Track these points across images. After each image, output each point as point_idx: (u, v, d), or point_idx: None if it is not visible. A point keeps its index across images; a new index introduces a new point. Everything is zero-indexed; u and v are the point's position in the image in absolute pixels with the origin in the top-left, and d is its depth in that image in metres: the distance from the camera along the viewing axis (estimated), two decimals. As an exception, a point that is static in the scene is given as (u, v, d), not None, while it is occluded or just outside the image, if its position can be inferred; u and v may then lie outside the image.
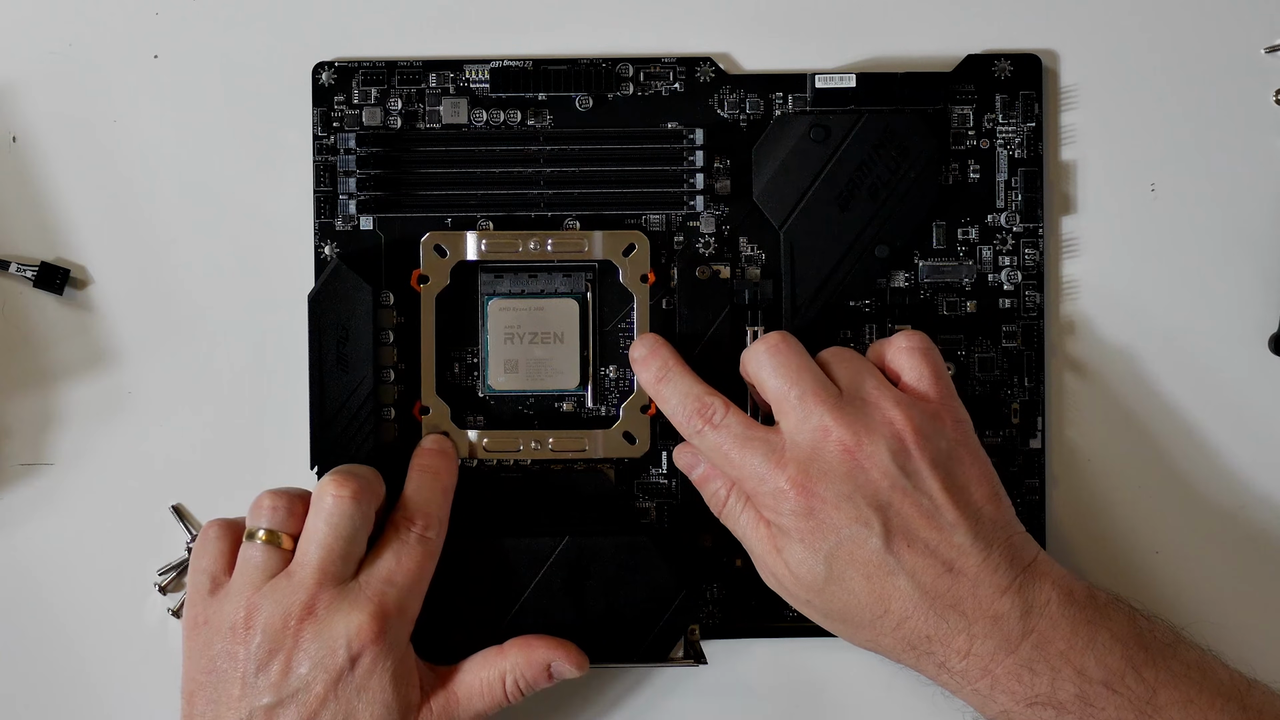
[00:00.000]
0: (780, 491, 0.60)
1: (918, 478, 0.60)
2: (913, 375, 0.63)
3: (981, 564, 0.60)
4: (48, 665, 0.68)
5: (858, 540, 0.60)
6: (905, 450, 0.60)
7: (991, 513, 0.61)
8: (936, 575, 0.60)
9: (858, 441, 0.60)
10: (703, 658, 0.66)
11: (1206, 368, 0.68)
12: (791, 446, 0.61)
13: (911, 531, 0.60)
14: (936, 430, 0.61)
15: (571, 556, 0.65)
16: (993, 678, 0.59)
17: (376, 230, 0.68)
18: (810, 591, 0.61)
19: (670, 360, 0.65)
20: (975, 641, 0.59)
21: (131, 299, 0.68)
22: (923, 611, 0.60)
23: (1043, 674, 0.59)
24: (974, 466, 0.61)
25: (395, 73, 0.68)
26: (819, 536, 0.60)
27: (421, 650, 0.64)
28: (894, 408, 0.61)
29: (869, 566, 0.60)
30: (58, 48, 0.68)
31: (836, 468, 0.60)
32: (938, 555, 0.60)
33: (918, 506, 0.60)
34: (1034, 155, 0.68)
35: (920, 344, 0.63)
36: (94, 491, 0.68)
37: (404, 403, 0.68)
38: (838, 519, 0.60)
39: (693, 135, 0.68)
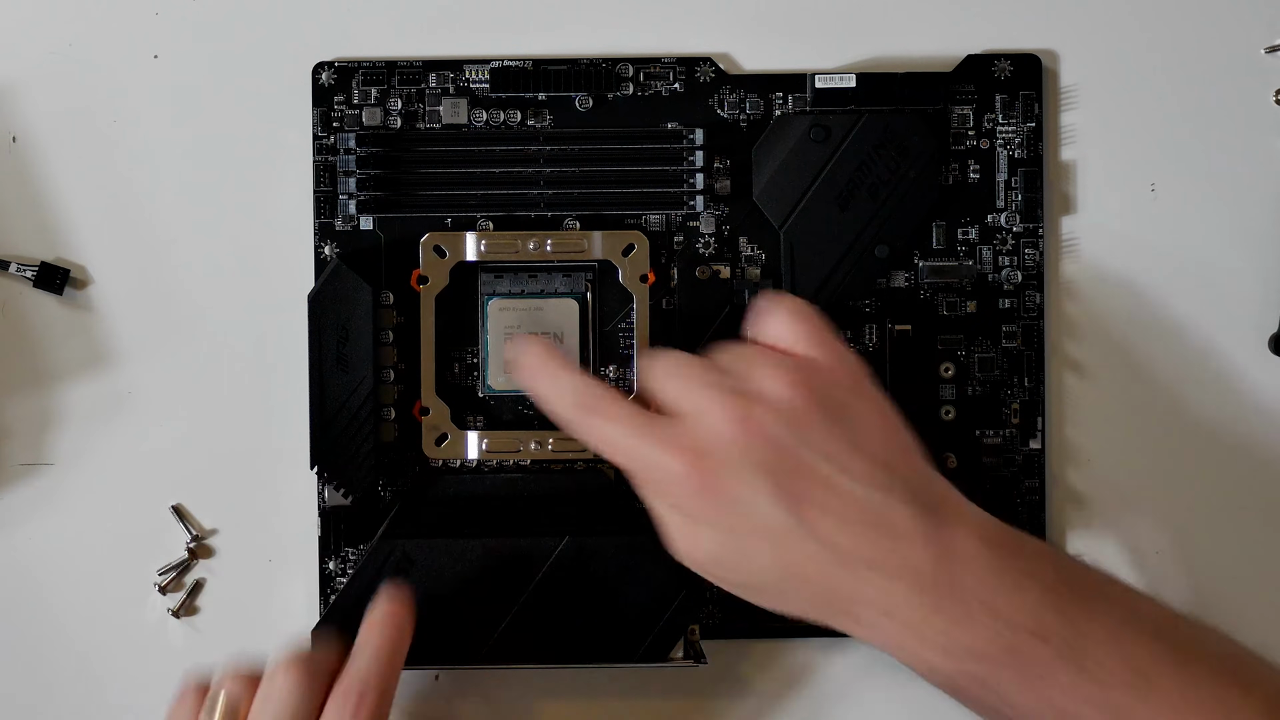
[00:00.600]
0: (670, 472, 0.59)
1: (811, 437, 0.58)
2: (788, 336, 0.61)
3: (889, 515, 0.58)
4: (48, 665, 0.68)
5: (755, 508, 0.58)
6: (795, 412, 0.58)
7: (896, 460, 0.59)
8: (842, 532, 0.57)
9: (745, 412, 0.58)
10: (703, 658, 0.66)
11: (1206, 368, 0.68)
12: (677, 426, 0.59)
13: (812, 493, 0.58)
14: (825, 385, 0.59)
15: (571, 556, 0.65)
16: (915, 632, 0.57)
17: (376, 230, 0.68)
18: (722, 568, 0.60)
19: (547, 355, 0.63)
20: (891, 596, 0.57)
21: (131, 299, 0.68)
22: (836, 572, 0.58)
23: (965, 624, 0.57)
24: (870, 414, 0.59)
25: (395, 73, 0.68)
26: (720, 513, 0.58)
27: (422, 651, 0.64)
28: (773, 369, 0.59)
29: (774, 535, 0.58)
30: (58, 48, 0.68)
31: (724, 439, 0.58)
32: (843, 513, 0.58)
33: (815, 467, 0.58)
34: (1034, 155, 0.68)
35: (785, 305, 0.61)
36: (94, 491, 0.68)
37: (404, 403, 0.68)
38: (732, 489, 0.58)
39: (693, 135, 0.68)
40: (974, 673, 0.57)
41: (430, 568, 0.65)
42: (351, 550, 0.68)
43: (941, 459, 0.68)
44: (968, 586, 0.57)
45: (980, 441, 0.68)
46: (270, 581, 0.68)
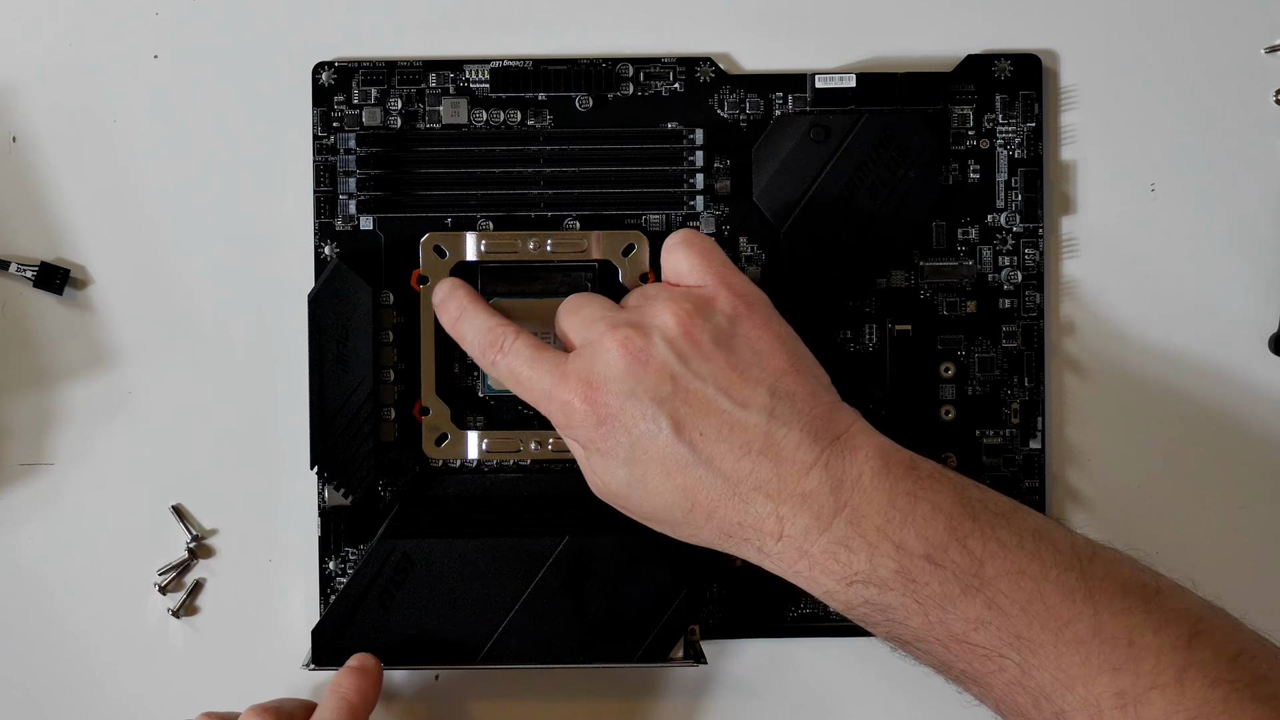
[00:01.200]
0: (568, 405, 0.60)
1: (698, 362, 0.59)
2: (684, 268, 0.62)
3: (781, 441, 0.58)
4: (48, 665, 0.68)
5: (649, 438, 0.59)
6: (679, 338, 0.59)
7: (789, 386, 0.59)
8: (735, 459, 0.58)
9: (630, 340, 0.59)
10: (703, 658, 0.66)
11: (1206, 368, 0.68)
12: (574, 360, 0.60)
13: (702, 418, 0.58)
14: (711, 311, 0.60)
15: (571, 556, 0.65)
16: (809, 558, 0.58)
17: (376, 230, 0.68)
18: (621, 498, 0.61)
19: (466, 299, 0.64)
20: (786, 523, 0.58)
21: (131, 299, 0.68)
22: (728, 499, 0.58)
23: (859, 551, 0.57)
24: (763, 339, 0.60)
25: (395, 73, 0.68)
26: (613, 442, 0.59)
27: (422, 651, 0.64)
28: (665, 301, 0.60)
29: (666, 463, 0.59)
30: (58, 48, 0.68)
31: (616, 370, 0.59)
32: (732, 439, 0.58)
33: (703, 392, 0.58)
34: (1034, 155, 0.68)
35: (681, 238, 0.62)
36: (94, 491, 0.68)
37: (404, 403, 0.68)
38: (626, 420, 0.59)
39: (693, 135, 0.68)
40: (870, 598, 0.57)
41: (430, 568, 0.65)
42: (351, 550, 0.68)
43: (942, 459, 0.68)
44: (862, 513, 0.57)
45: (980, 441, 0.68)
46: (270, 581, 0.68)
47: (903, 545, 0.57)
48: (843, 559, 0.57)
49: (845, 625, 0.68)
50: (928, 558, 0.56)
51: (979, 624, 0.56)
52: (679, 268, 0.62)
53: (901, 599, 0.57)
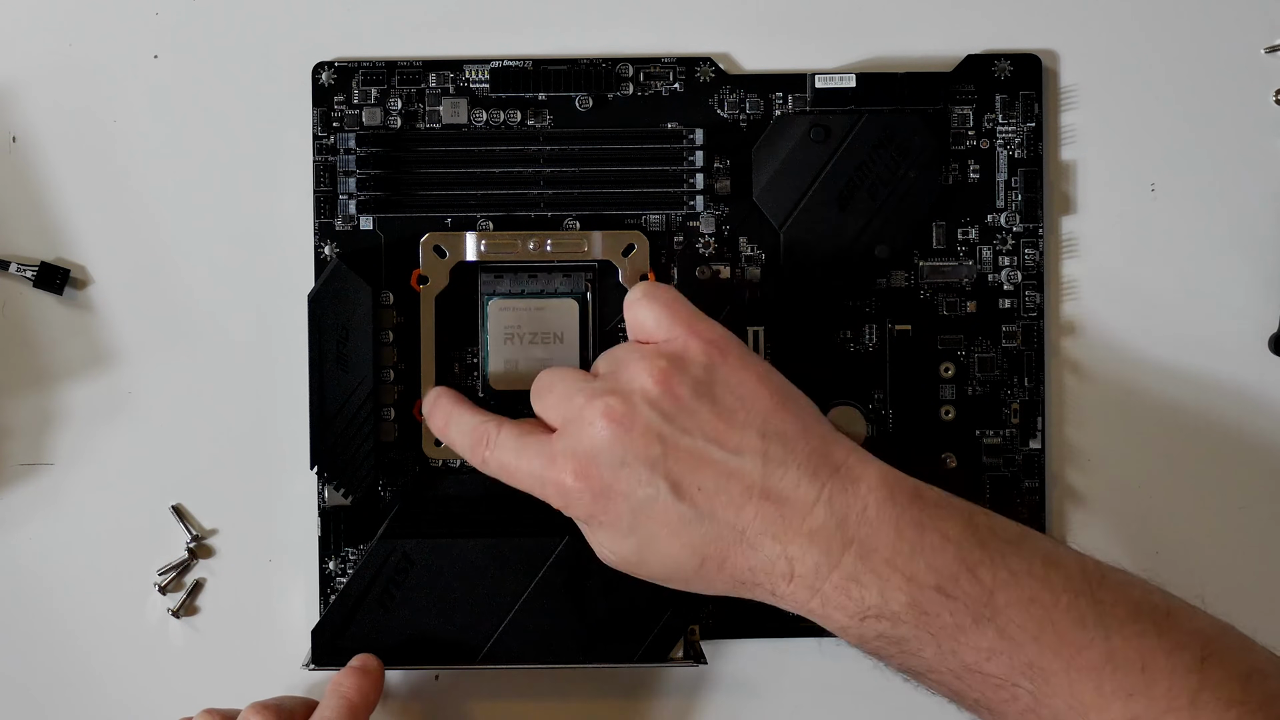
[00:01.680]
0: (563, 486, 0.59)
1: (683, 419, 0.58)
2: (650, 323, 0.61)
3: (780, 481, 0.57)
4: (48, 665, 0.68)
5: (649, 503, 0.58)
6: (660, 397, 0.58)
7: (778, 424, 0.58)
8: (738, 508, 0.57)
9: (612, 409, 0.58)
10: (703, 658, 0.66)
11: (1206, 368, 0.68)
12: (559, 440, 0.60)
13: (697, 474, 0.58)
14: (686, 364, 0.59)
15: (571, 556, 0.65)
16: (821, 596, 0.57)
17: (376, 230, 0.68)
18: (633, 565, 0.60)
19: (450, 404, 0.64)
20: (795, 563, 0.57)
21: (131, 299, 0.68)
22: (737, 547, 0.58)
23: (870, 585, 0.56)
24: (744, 384, 0.59)
25: (395, 73, 0.68)
26: (614, 514, 0.59)
27: (422, 651, 0.64)
28: (638, 361, 0.59)
29: (671, 524, 0.58)
30: (58, 48, 0.68)
31: (603, 442, 0.58)
32: (730, 488, 0.57)
33: (693, 447, 0.58)
34: (1034, 155, 0.68)
35: (641, 292, 0.61)
36: (94, 491, 0.68)
37: (404, 403, 0.68)
38: (623, 489, 0.58)
39: (693, 135, 0.68)
40: (883, 632, 0.57)
41: (430, 568, 0.65)
42: (351, 550, 0.68)
43: (942, 459, 0.68)
44: (871, 547, 0.57)
45: (980, 441, 0.68)
46: (270, 581, 0.68)
47: (913, 577, 0.56)
48: (854, 594, 0.57)
49: (845, 625, 0.68)
50: (938, 589, 0.56)
51: (991, 653, 0.56)
52: (644, 323, 0.61)
53: (914, 631, 0.56)
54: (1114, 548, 0.68)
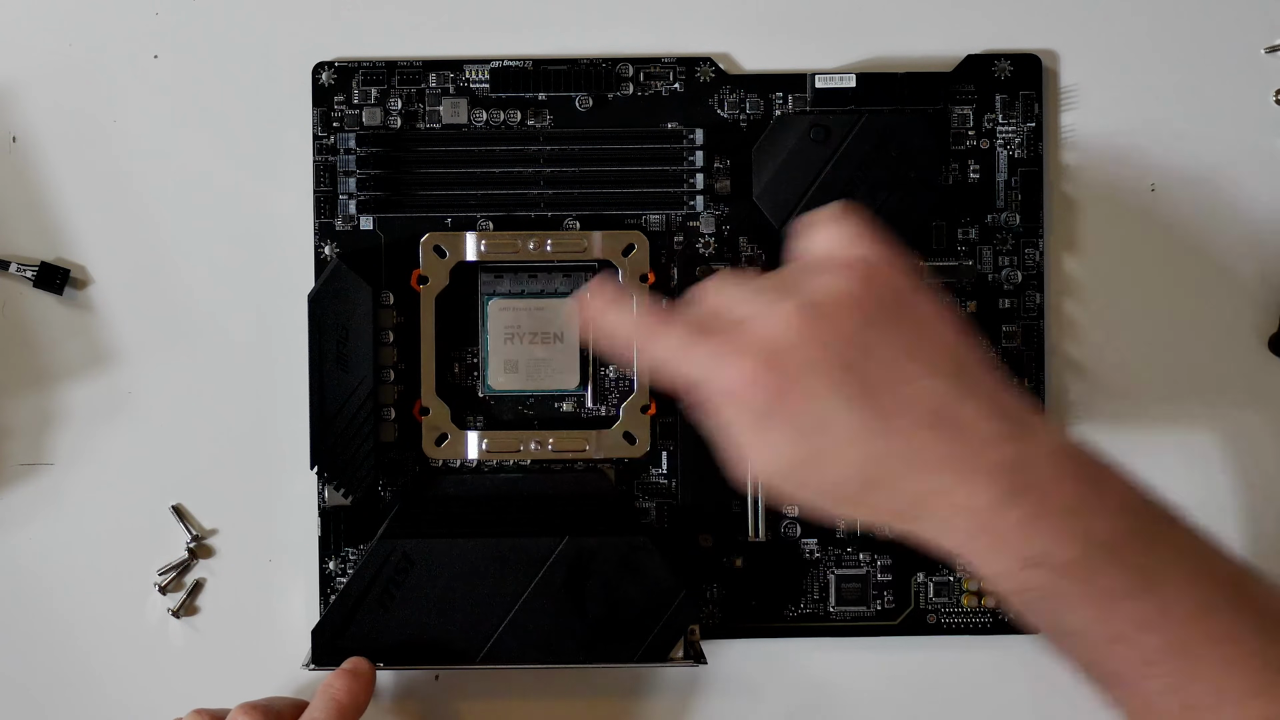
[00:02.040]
0: (745, 376, 0.56)
1: (878, 331, 0.56)
2: (843, 242, 0.59)
3: (970, 413, 0.55)
4: (48, 665, 0.68)
5: (832, 409, 0.55)
6: (863, 309, 0.56)
7: (967, 359, 0.57)
8: (921, 429, 0.55)
9: (815, 310, 0.56)
10: (703, 658, 0.66)
11: (1206, 368, 0.68)
12: (746, 332, 0.57)
13: (887, 388, 0.55)
14: (882, 282, 0.57)
15: (571, 556, 0.65)
16: (990, 535, 0.55)
17: (376, 230, 0.68)
18: (798, 473, 0.57)
19: (615, 290, 0.60)
20: (970, 496, 0.55)
21: (131, 299, 0.68)
22: (914, 470, 0.55)
23: (1042, 532, 0.55)
24: (936, 315, 0.57)
25: (395, 73, 0.68)
26: (794, 414, 0.56)
27: (422, 651, 0.64)
28: (837, 269, 0.57)
29: (849, 433, 0.55)
30: (58, 48, 0.68)
31: (795, 339, 0.56)
32: (918, 409, 0.55)
33: (886, 361, 0.56)
34: (1034, 155, 0.68)
35: (832, 213, 0.59)
36: (94, 491, 0.68)
37: (404, 403, 0.68)
38: (809, 390, 0.55)
39: (693, 135, 0.68)
40: (1041, 582, 0.55)
41: (430, 568, 0.65)
42: (351, 550, 0.68)
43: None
44: (1049, 493, 0.55)
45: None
46: (270, 581, 0.68)
47: (1085, 533, 0.55)
48: (1025, 539, 0.55)
49: (845, 625, 0.68)
50: (1109, 549, 0.55)
51: (1146, 626, 0.55)
52: (830, 241, 0.59)
53: (1074, 587, 0.55)
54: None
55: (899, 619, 0.68)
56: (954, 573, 0.68)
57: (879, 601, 0.68)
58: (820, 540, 0.68)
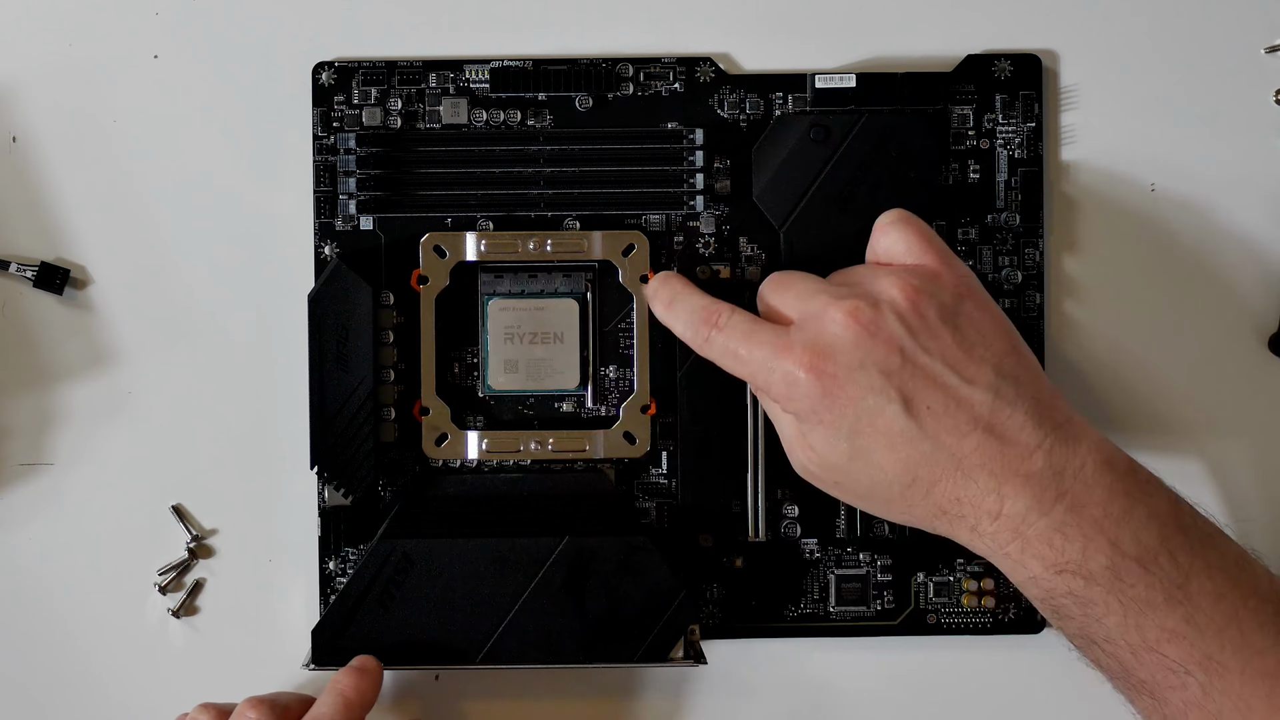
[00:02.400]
0: (791, 376, 0.59)
1: (926, 337, 0.59)
2: (900, 248, 0.62)
3: (1007, 420, 0.58)
4: (48, 665, 0.68)
5: (877, 411, 0.58)
6: (908, 312, 0.59)
7: (1012, 366, 0.59)
8: (961, 435, 0.58)
9: (860, 311, 0.59)
10: (703, 658, 0.66)
11: (1206, 368, 0.68)
12: (797, 332, 0.60)
13: (929, 393, 0.58)
14: (937, 288, 0.60)
15: (571, 556, 0.65)
16: (1024, 540, 0.58)
17: (376, 230, 0.68)
18: (838, 472, 0.60)
19: (679, 286, 0.64)
20: (1006, 502, 0.58)
21: (131, 299, 0.68)
22: (950, 474, 0.58)
23: (1075, 540, 0.57)
24: (986, 320, 0.60)
25: (395, 73, 0.68)
26: (838, 414, 0.59)
27: (422, 651, 0.64)
28: (890, 276, 0.60)
29: (891, 436, 0.58)
30: (58, 48, 0.68)
31: (843, 342, 0.59)
32: (959, 415, 0.58)
33: (931, 367, 0.58)
34: (1034, 155, 0.68)
35: (897, 216, 0.62)
36: (94, 491, 0.68)
37: (404, 403, 0.68)
38: (853, 392, 0.58)
39: (693, 135, 0.68)
40: (1073, 590, 0.57)
41: (430, 568, 0.65)
42: (351, 550, 0.68)
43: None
44: (1083, 502, 0.57)
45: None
46: (270, 581, 0.68)
47: (1117, 543, 0.57)
48: (1057, 545, 0.57)
49: (845, 625, 0.68)
50: (1138, 560, 0.57)
51: (1174, 636, 0.56)
52: (895, 247, 0.62)
53: (1105, 596, 0.57)
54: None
55: (899, 619, 0.68)
56: (954, 573, 0.68)
57: (879, 601, 0.68)
58: (820, 540, 0.68)
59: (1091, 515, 0.57)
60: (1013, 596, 0.68)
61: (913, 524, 0.60)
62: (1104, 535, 0.57)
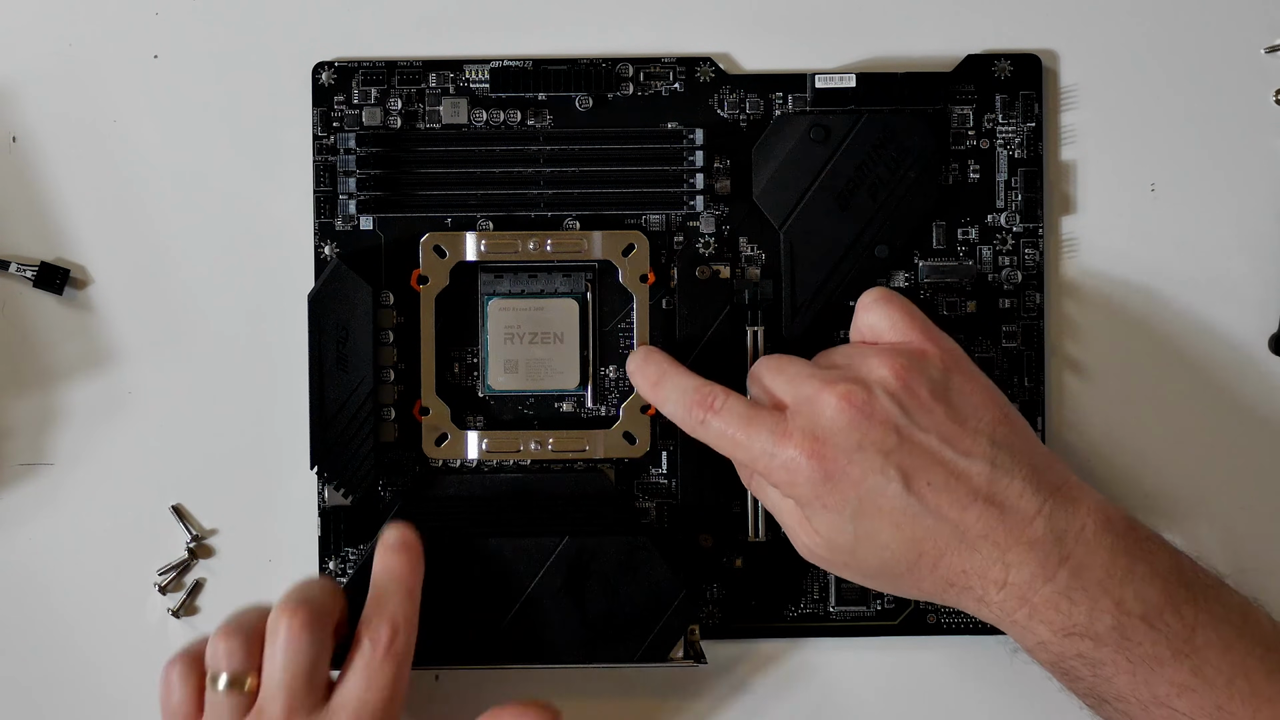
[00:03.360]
0: (794, 463, 0.60)
1: (919, 414, 0.59)
2: (884, 325, 0.62)
3: (1005, 489, 0.59)
4: (48, 665, 0.68)
5: (879, 491, 0.59)
6: (899, 391, 0.59)
7: (1005, 435, 0.60)
8: (962, 508, 0.58)
9: (853, 394, 0.59)
10: (702, 658, 0.66)
11: (1206, 368, 0.68)
12: (793, 417, 0.60)
13: (928, 469, 0.59)
14: (925, 365, 0.60)
15: (571, 556, 0.65)
16: (1030, 607, 0.58)
17: (376, 230, 0.68)
18: (845, 554, 0.60)
19: (665, 363, 0.64)
20: (1011, 570, 0.58)
21: (131, 299, 0.68)
22: (955, 547, 0.59)
23: (1080, 603, 0.58)
24: (975, 392, 0.61)
25: (395, 73, 0.68)
26: (841, 497, 0.59)
27: (422, 651, 0.64)
28: (878, 355, 0.61)
29: (895, 515, 0.59)
30: (58, 48, 0.68)
31: (840, 425, 0.59)
32: (959, 488, 0.59)
33: (927, 444, 0.59)
34: (1034, 155, 0.68)
35: (879, 295, 0.63)
36: (94, 491, 0.68)
37: (404, 403, 0.68)
38: (855, 474, 0.59)
39: (693, 135, 0.68)
40: (1082, 652, 0.58)
41: (430, 568, 0.65)
42: (351, 550, 0.68)
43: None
44: (1085, 565, 0.58)
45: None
46: (270, 581, 0.68)
47: (1122, 602, 0.58)
48: (1063, 609, 0.58)
49: (845, 625, 0.68)
50: (1144, 618, 0.57)
51: (1183, 690, 0.57)
52: (878, 325, 0.62)
53: (1113, 655, 0.58)
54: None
55: (899, 619, 0.68)
56: (954, 573, 0.68)
57: (879, 601, 0.68)
58: (820, 540, 0.68)
59: (1095, 576, 0.58)
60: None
61: (922, 598, 0.61)
62: (1109, 596, 0.58)
